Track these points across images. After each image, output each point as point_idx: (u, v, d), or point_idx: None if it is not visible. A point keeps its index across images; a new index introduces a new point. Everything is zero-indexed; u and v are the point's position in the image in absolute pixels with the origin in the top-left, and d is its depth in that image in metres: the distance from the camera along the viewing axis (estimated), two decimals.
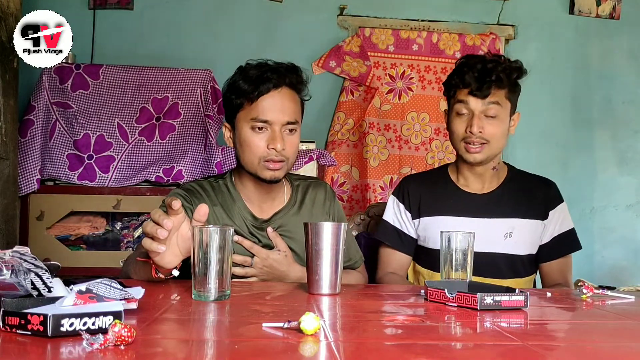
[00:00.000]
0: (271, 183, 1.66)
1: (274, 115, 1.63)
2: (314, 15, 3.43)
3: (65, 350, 0.81)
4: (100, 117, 2.83)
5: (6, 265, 0.97)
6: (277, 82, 1.64)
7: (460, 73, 1.82)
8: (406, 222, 1.92)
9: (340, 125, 3.38)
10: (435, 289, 1.27)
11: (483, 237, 1.81)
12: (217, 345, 0.92)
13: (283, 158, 1.63)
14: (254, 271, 1.62)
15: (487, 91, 1.78)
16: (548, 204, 1.89)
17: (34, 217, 2.74)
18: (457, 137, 1.83)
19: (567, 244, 1.89)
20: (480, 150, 1.80)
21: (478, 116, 1.79)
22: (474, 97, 1.79)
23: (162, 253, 1.29)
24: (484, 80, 1.78)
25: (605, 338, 1.09)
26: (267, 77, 1.64)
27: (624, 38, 3.57)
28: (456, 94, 1.83)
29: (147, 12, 3.35)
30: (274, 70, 1.66)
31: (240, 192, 1.73)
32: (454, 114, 1.84)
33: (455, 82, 1.83)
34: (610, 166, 3.59)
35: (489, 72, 1.78)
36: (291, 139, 1.65)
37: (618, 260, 3.53)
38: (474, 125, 1.78)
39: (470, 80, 1.79)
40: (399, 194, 1.95)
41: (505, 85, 1.80)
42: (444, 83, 1.91)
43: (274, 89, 1.64)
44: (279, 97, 1.64)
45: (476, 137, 1.78)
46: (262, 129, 1.63)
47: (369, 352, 0.89)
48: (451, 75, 1.86)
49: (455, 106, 1.83)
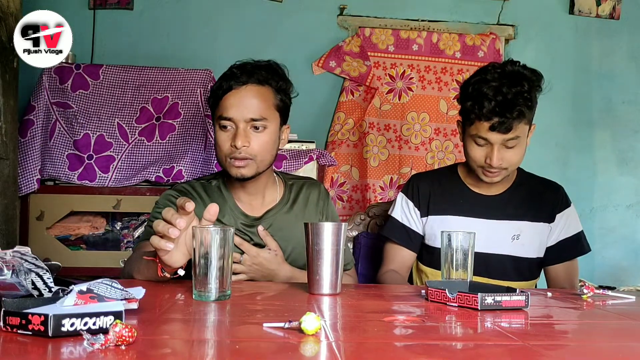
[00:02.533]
0: (241, 181, 1.66)
1: (236, 113, 1.62)
2: (314, 15, 3.43)
3: (66, 350, 0.81)
4: (100, 117, 2.83)
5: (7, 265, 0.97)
6: (241, 79, 1.63)
7: (480, 104, 1.68)
8: (414, 219, 1.92)
9: (340, 125, 3.39)
10: (435, 289, 1.27)
11: (490, 238, 1.81)
12: (218, 345, 0.92)
13: (248, 156, 1.62)
14: (242, 268, 1.61)
15: (509, 126, 1.68)
16: (555, 207, 1.88)
17: (34, 217, 2.74)
18: (475, 163, 1.78)
19: (573, 248, 1.88)
20: (498, 174, 1.77)
21: (498, 148, 1.71)
22: (494, 132, 1.69)
23: (170, 252, 1.29)
24: (505, 115, 1.66)
25: (605, 338, 1.09)
26: (233, 73, 1.64)
27: (624, 38, 3.57)
28: (474, 124, 1.72)
29: (147, 12, 3.35)
30: (241, 67, 1.65)
31: (231, 190, 1.74)
32: (470, 139, 1.75)
33: (476, 113, 1.70)
34: (610, 166, 3.59)
35: (511, 106, 1.66)
36: (258, 136, 1.63)
37: (618, 260, 3.53)
38: (494, 158, 1.71)
39: (491, 115, 1.67)
40: (408, 191, 1.94)
41: (527, 115, 1.70)
42: (459, 101, 1.80)
43: (237, 86, 1.63)
44: (242, 94, 1.63)
45: (495, 168, 1.74)
46: (228, 127, 1.63)
47: (369, 352, 0.89)
48: (469, 100, 1.73)
49: (473, 135, 1.74)
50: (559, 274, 1.89)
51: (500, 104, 1.66)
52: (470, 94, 1.74)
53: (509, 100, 1.66)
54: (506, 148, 1.73)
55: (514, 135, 1.71)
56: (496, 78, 1.70)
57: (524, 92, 1.68)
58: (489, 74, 1.72)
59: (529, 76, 1.71)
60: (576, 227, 1.90)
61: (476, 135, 1.73)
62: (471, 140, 1.76)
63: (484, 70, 1.76)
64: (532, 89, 1.71)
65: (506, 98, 1.66)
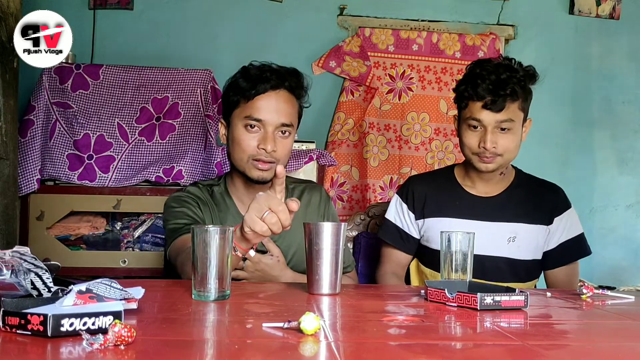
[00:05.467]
0: (259, 183, 1.66)
1: (268, 115, 1.62)
2: (314, 15, 3.43)
3: (65, 350, 0.81)
4: (100, 117, 2.83)
5: (6, 265, 0.97)
6: (276, 83, 1.64)
7: (473, 84, 1.74)
8: (408, 222, 1.92)
9: (340, 125, 3.39)
10: (435, 289, 1.27)
11: (486, 240, 1.81)
12: (217, 345, 0.92)
13: (273, 159, 1.63)
14: (245, 274, 1.61)
15: (501, 105, 1.72)
16: (554, 210, 1.87)
17: (34, 217, 2.73)
18: (469, 150, 1.79)
19: (574, 251, 1.87)
20: (493, 161, 1.77)
21: (491, 131, 1.74)
22: (487, 110, 1.73)
23: None
24: (497, 93, 1.71)
25: (605, 338, 1.09)
26: (267, 77, 1.64)
27: (624, 38, 3.57)
28: (468, 106, 1.77)
29: (147, 12, 3.35)
30: (274, 71, 1.66)
31: (233, 195, 1.75)
32: (465, 125, 1.79)
33: (469, 93, 1.75)
34: (610, 166, 3.58)
35: (503, 84, 1.71)
36: (284, 141, 1.65)
37: (618, 260, 3.53)
38: (488, 141, 1.73)
39: (484, 93, 1.72)
40: (402, 193, 1.94)
41: (519, 97, 1.74)
42: (454, 89, 1.85)
43: (271, 90, 1.64)
44: (275, 98, 1.64)
45: (489, 152, 1.75)
46: (255, 127, 1.63)
47: (369, 352, 0.89)
48: (463, 84, 1.79)
49: (467, 119, 1.78)
50: (559, 278, 1.88)
51: (494, 82, 1.71)
52: (464, 77, 1.80)
53: (502, 79, 1.72)
54: (500, 132, 1.75)
55: (507, 117, 1.73)
56: (491, 64, 1.77)
57: (518, 75, 1.74)
58: (484, 62, 1.79)
59: (523, 67, 1.78)
60: (576, 230, 1.88)
61: (470, 118, 1.76)
62: (465, 126, 1.79)
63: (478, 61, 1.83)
64: (526, 77, 1.76)
65: (500, 78, 1.72)
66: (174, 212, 1.68)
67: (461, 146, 1.83)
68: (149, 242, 2.82)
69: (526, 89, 1.76)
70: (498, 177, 1.87)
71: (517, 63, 1.78)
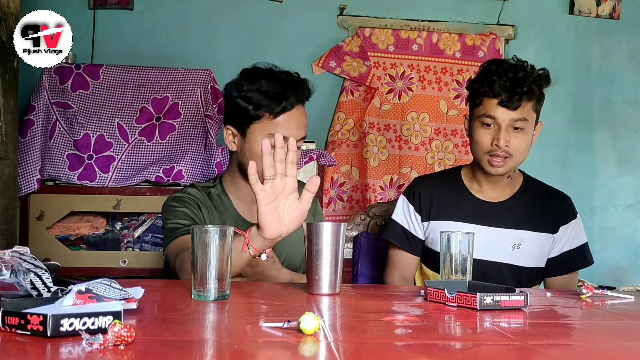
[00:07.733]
0: None
1: (292, 132, 1.63)
2: (314, 15, 3.43)
3: (64, 350, 0.81)
4: (100, 117, 2.83)
5: (6, 265, 0.97)
6: (297, 99, 1.68)
7: (490, 81, 1.73)
8: (415, 224, 1.90)
9: (340, 125, 3.39)
10: (435, 289, 1.27)
11: (491, 246, 1.79)
12: (217, 345, 0.92)
13: None
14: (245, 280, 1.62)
15: (517, 103, 1.71)
16: (560, 218, 1.85)
17: (34, 217, 2.74)
18: (481, 149, 1.77)
19: (576, 260, 1.86)
20: (504, 163, 1.75)
21: (505, 129, 1.72)
22: (503, 108, 1.71)
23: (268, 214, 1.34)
24: (514, 90, 1.70)
25: (605, 338, 1.09)
26: (289, 94, 1.66)
27: (624, 38, 3.57)
28: (483, 103, 1.75)
29: (147, 12, 3.35)
30: (291, 85, 1.67)
31: (231, 196, 1.75)
32: (478, 123, 1.77)
33: (485, 90, 1.74)
34: (610, 166, 3.58)
35: (520, 82, 1.70)
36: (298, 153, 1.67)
37: (618, 260, 3.53)
38: (501, 139, 1.72)
39: (500, 90, 1.71)
40: (409, 194, 1.92)
41: (535, 97, 1.74)
42: (467, 87, 1.83)
43: (293, 107, 1.67)
44: (297, 114, 1.68)
45: (502, 150, 1.73)
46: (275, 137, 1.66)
47: (368, 352, 0.89)
48: (478, 81, 1.77)
49: (481, 116, 1.76)
50: (556, 283, 1.86)
51: (511, 79, 1.71)
52: (479, 75, 1.79)
53: (519, 77, 1.71)
54: (513, 131, 1.74)
55: (522, 115, 1.73)
56: (507, 64, 1.77)
57: (534, 75, 1.74)
58: (500, 61, 1.80)
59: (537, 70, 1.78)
60: (581, 239, 1.86)
61: (484, 115, 1.75)
62: (478, 124, 1.77)
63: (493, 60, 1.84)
64: (541, 78, 1.76)
65: (517, 76, 1.72)
66: (174, 211, 1.68)
67: (472, 145, 1.81)
68: (149, 242, 2.82)
69: (541, 90, 1.76)
70: (506, 181, 1.84)
71: (530, 65, 1.77)
